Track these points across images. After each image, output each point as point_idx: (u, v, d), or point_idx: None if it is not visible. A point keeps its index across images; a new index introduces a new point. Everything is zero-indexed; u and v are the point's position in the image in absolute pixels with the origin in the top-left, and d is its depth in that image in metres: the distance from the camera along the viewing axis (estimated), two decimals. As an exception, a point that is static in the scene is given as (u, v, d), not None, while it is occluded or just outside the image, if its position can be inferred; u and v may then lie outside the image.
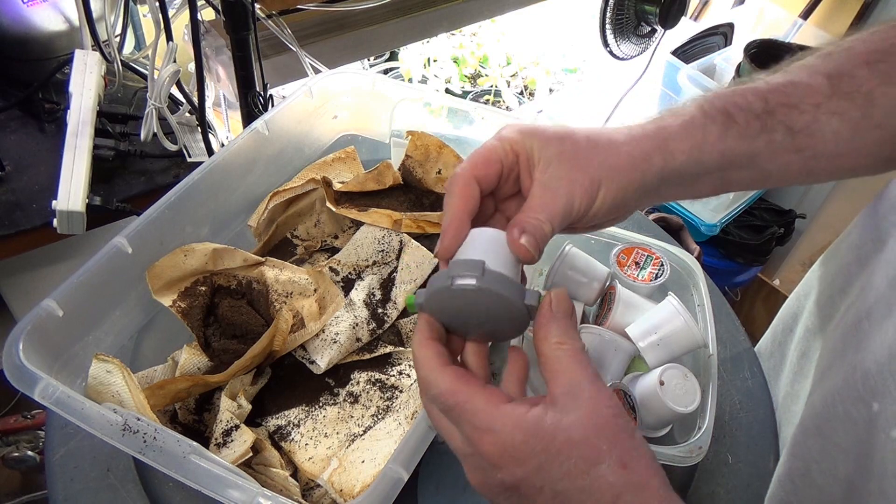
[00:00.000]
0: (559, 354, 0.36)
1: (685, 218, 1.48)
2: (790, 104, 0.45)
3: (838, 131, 0.45)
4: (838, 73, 0.46)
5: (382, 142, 0.81)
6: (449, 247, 0.40)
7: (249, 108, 0.90)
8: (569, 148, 0.42)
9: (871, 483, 0.39)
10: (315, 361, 0.60)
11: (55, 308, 0.52)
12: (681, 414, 0.57)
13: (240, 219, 0.71)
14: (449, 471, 0.59)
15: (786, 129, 0.45)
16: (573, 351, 0.36)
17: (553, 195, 0.40)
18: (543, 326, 0.37)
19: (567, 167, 0.41)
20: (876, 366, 0.41)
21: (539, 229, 0.39)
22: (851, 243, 0.55)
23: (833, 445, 0.44)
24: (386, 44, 1.14)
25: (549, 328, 0.37)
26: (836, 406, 0.44)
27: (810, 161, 0.46)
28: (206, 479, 0.45)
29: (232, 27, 0.81)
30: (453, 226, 0.40)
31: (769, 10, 1.64)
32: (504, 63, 1.65)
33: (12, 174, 0.93)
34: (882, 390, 0.40)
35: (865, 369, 0.42)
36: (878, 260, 0.47)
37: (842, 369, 0.45)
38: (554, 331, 0.37)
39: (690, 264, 0.70)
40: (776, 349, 0.71)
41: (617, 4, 1.34)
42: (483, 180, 0.41)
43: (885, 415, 0.39)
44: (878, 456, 0.39)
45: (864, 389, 0.41)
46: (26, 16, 0.97)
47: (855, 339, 0.45)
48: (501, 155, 0.42)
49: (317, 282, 0.64)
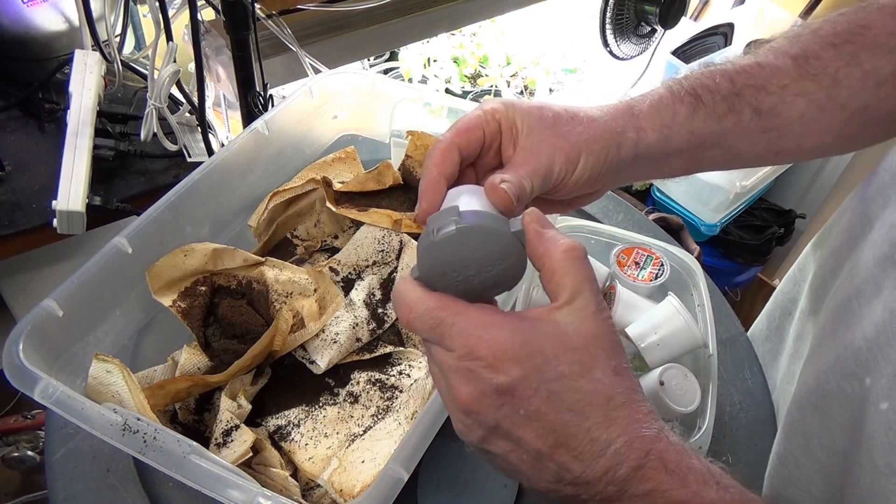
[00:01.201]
0: (565, 266, 0.35)
1: (685, 218, 1.48)
2: (757, 85, 0.47)
3: (804, 111, 0.47)
4: (804, 55, 0.47)
5: (382, 142, 0.81)
6: (427, 209, 0.40)
7: (249, 108, 0.90)
8: (549, 117, 0.43)
9: (861, 454, 0.40)
10: (315, 361, 0.60)
11: (55, 308, 0.52)
12: (681, 414, 0.57)
13: (240, 219, 0.71)
14: (449, 471, 0.59)
15: (753, 109, 0.46)
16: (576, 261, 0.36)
17: (535, 156, 0.41)
18: (537, 243, 0.36)
19: (549, 133, 0.42)
20: (866, 342, 0.41)
21: (518, 182, 0.39)
22: (842, 227, 0.55)
23: (830, 420, 0.45)
24: (386, 44, 1.14)
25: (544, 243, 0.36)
26: (831, 382, 0.45)
27: (777, 140, 0.48)
28: (206, 479, 0.45)
29: (232, 27, 0.81)
30: (430, 188, 0.40)
31: (769, 10, 1.64)
32: (504, 63, 1.64)
33: (12, 174, 0.94)
34: (872, 366, 0.40)
35: (856, 346, 0.42)
36: (865, 241, 0.48)
37: (834, 347, 0.46)
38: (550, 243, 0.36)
39: (690, 264, 0.70)
40: (773, 333, 0.72)
41: (617, 4, 1.34)
42: (465, 148, 0.42)
43: (876, 389, 0.40)
44: (869, 428, 0.40)
45: (855, 365, 0.42)
46: (26, 16, 0.97)
47: (845, 317, 0.46)
48: (483, 123, 0.43)
49: (317, 282, 0.64)
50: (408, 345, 0.65)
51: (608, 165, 0.44)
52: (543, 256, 0.36)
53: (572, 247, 0.36)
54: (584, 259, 0.36)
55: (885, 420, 0.38)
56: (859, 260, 0.48)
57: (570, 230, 0.71)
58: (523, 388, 0.33)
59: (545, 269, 0.36)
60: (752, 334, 0.77)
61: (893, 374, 0.38)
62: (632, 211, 0.89)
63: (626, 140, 0.44)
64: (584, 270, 0.36)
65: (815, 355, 0.49)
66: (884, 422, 0.38)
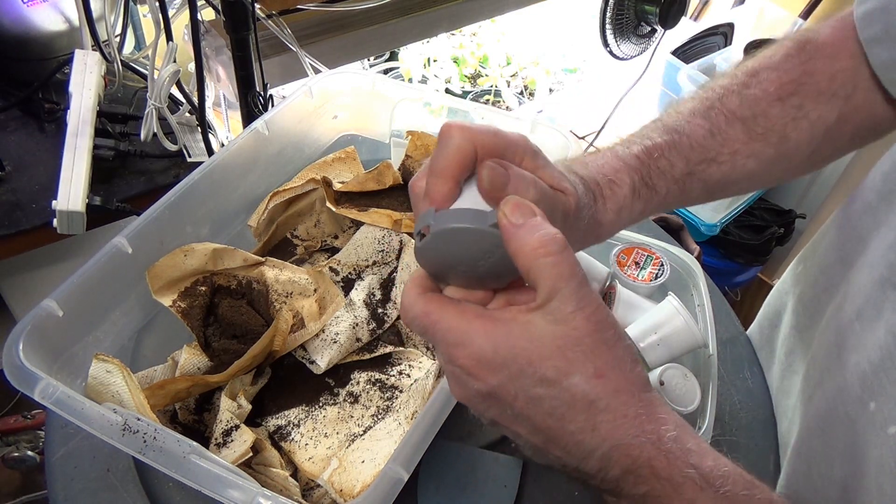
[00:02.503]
0: (537, 264, 0.33)
1: (685, 218, 1.48)
2: (709, 159, 0.49)
3: (753, 171, 0.50)
4: (753, 116, 0.49)
5: (382, 142, 0.81)
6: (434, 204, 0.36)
7: (249, 108, 0.90)
8: None
9: (867, 480, 0.40)
10: (315, 361, 0.60)
11: (55, 308, 0.52)
12: (681, 414, 0.57)
13: (240, 219, 0.71)
14: (449, 471, 0.59)
15: (703, 185, 0.49)
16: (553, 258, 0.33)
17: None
18: (511, 241, 0.33)
19: None
20: (871, 366, 0.41)
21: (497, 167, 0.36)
22: (831, 243, 0.56)
23: (831, 447, 0.44)
24: (386, 44, 1.14)
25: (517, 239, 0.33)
26: (838, 408, 0.44)
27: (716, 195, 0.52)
28: (206, 479, 0.45)
29: (232, 27, 0.81)
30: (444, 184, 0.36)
31: (769, 10, 1.64)
32: (504, 63, 1.65)
33: (12, 174, 0.93)
34: (878, 389, 0.40)
35: (862, 370, 0.42)
36: (861, 261, 0.48)
37: (840, 370, 0.45)
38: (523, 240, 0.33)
39: (690, 264, 0.70)
40: (765, 343, 0.72)
41: (617, 4, 1.34)
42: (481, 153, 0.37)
43: (882, 413, 0.39)
44: (876, 453, 0.39)
45: (861, 389, 0.42)
46: (26, 16, 0.97)
47: (849, 340, 0.45)
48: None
49: (317, 282, 0.64)
50: (408, 345, 0.65)
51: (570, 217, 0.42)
52: (516, 254, 0.33)
53: (545, 241, 0.32)
54: (559, 253, 0.33)
55: (894, 445, 0.37)
56: (856, 280, 0.47)
57: (570, 230, 0.71)
58: (504, 394, 0.34)
59: (521, 268, 0.34)
60: (750, 334, 0.76)
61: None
62: (632, 211, 0.89)
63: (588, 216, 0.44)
64: (559, 266, 0.33)
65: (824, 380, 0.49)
66: (892, 446, 0.38)
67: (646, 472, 0.33)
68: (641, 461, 0.33)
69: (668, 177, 0.48)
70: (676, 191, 0.48)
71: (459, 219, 0.35)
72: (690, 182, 0.49)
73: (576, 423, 0.33)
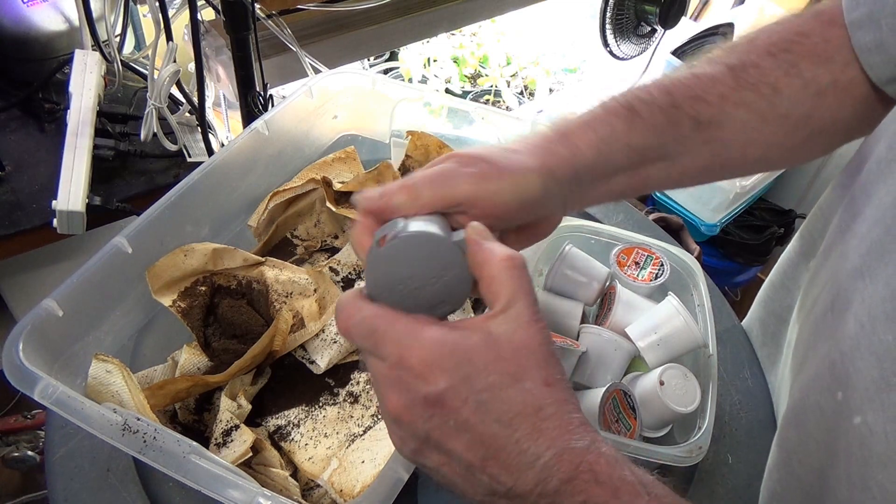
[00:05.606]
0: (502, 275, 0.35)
1: (685, 218, 1.49)
2: (695, 96, 0.46)
3: (746, 122, 0.46)
4: (742, 65, 0.47)
5: (382, 142, 0.81)
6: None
7: (249, 108, 0.90)
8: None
9: (838, 469, 0.40)
10: (315, 361, 0.60)
11: (55, 308, 0.52)
12: (681, 414, 0.57)
13: (240, 219, 0.71)
14: (449, 471, 0.59)
15: (692, 120, 0.46)
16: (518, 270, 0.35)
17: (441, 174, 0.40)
18: (477, 251, 0.36)
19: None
20: (840, 356, 0.41)
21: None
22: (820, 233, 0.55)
23: (807, 436, 0.45)
24: (386, 44, 1.14)
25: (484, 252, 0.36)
26: (810, 397, 0.44)
27: (720, 152, 0.47)
28: (206, 479, 0.45)
29: (232, 27, 0.81)
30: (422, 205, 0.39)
31: (769, 10, 1.64)
32: (504, 63, 1.65)
33: (12, 174, 0.94)
34: (845, 380, 0.40)
35: (832, 360, 0.42)
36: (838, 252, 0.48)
37: (814, 360, 0.46)
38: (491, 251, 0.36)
39: (690, 264, 0.70)
40: (769, 339, 0.71)
41: (617, 4, 1.34)
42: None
43: (849, 403, 0.39)
44: (844, 443, 0.39)
45: (831, 379, 0.42)
46: (26, 16, 0.97)
47: (823, 330, 0.45)
48: None
49: (317, 282, 0.64)
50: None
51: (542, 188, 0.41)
52: (482, 265, 0.35)
53: (511, 256, 0.35)
54: (522, 269, 0.35)
55: (859, 434, 0.38)
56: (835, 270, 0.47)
57: (571, 230, 0.71)
58: (452, 399, 0.33)
59: (483, 278, 0.36)
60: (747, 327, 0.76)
61: (865, 389, 0.38)
62: (632, 211, 0.89)
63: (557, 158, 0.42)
64: (520, 280, 0.35)
65: (801, 370, 0.49)
66: (857, 436, 0.38)
67: (586, 477, 0.32)
68: (583, 467, 0.32)
69: (651, 104, 0.45)
70: (663, 120, 0.45)
71: (430, 228, 0.36)
72: (678, 115, 0.45)
73: (522, 430, 0.33)
